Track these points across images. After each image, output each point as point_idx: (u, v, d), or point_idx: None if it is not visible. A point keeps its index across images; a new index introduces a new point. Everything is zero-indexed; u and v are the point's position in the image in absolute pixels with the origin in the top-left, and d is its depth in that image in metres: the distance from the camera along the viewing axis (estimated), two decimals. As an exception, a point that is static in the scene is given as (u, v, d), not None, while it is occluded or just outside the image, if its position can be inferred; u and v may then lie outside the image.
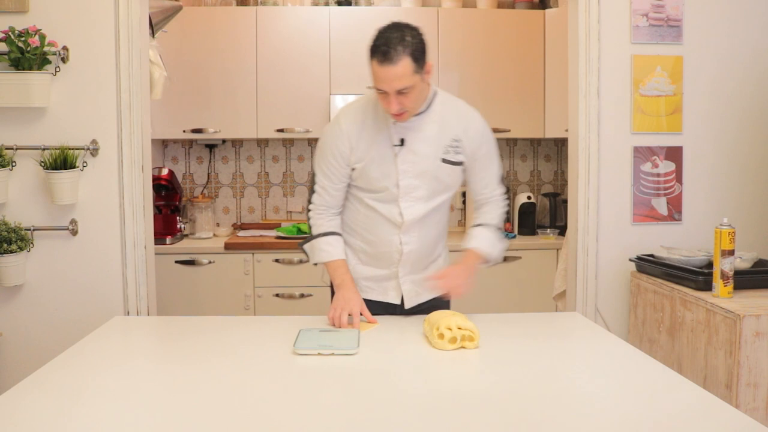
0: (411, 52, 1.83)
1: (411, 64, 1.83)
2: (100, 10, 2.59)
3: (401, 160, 2.01)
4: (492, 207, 2.14)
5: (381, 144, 2.01)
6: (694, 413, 1.38)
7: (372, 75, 1.87)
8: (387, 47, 1.81)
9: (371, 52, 1.85)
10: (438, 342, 1.75)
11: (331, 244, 2.09)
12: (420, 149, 2.01)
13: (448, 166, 2.04)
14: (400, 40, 1.82)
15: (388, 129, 2.01)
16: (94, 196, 2.64)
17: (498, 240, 2.10)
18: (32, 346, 2.62)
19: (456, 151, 2.04)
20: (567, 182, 3.53)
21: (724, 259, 2.30)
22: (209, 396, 1.45)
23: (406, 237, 2.08)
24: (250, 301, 3.61)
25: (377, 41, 1.85)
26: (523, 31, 3.88)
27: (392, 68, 1.81)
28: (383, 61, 1.82)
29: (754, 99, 2.85)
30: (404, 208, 2.04)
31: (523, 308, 3.64)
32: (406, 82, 1.83)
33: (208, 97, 3.78)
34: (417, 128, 2.01)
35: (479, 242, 2.08)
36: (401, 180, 2.01)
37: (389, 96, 1.86)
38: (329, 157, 2.05)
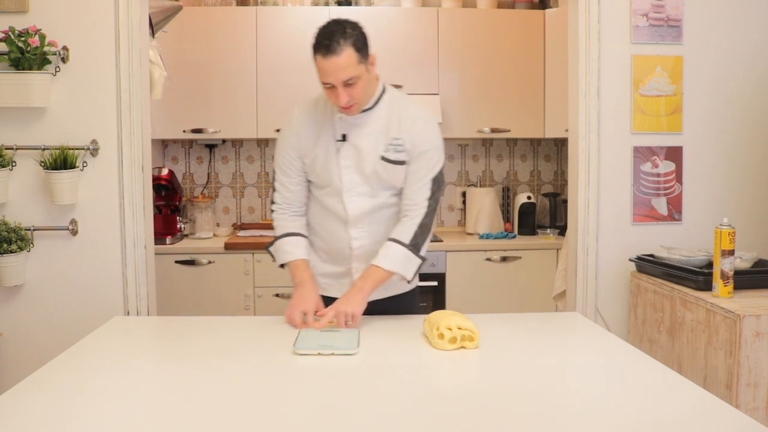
0: (353, 42, 1.87)
1: (354, 54, 1.87)
2: (100, 10, 2.59)
3: (342, 156, 2.03)
4: (407, 220, 2.03)
5: (325, 139, 2.04)
6: (694, 413, 1.38)
7: (318, 70, 1.90)
8: (329, 40, 1.85)
9: (314, 48, 1.89)
10: (438, 342, 1.75)
11: (292, 244, 2.10)
12: (361, 145, 2.02)
13: (388, 165, 2.02)
14: (341, 33, 1.87)
15: (333, 124, 2.04)
16: (94, 196, 2.64)
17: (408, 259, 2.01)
18: (32, 346, 2.62)
19: (396, 150, 2.02)
20: (567, 182, 3.53)
21: (724, 259, 2.30)
22: (209, 396, 1.45)
23: (355, 232, 2.08)
24: (250, 301, 3.60)
25: (318, 37, 1.89)
26: (523, 31, 3.88)
27: (336, 59, 1.85)
28: (327, 53, 1.85)
29: (754, 99, 2.85)
30: (347, 202, 2.05)
31: (523, 308, 3.64)
32: (351, 72, 1.87)
33: (208, 97, 3.78)
34: (360, 124, 2.02)
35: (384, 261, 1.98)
36: (343, 175, 2.03)
37: (337, 89, 1.89)
38: (283, 152, 2.11)
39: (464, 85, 3.87)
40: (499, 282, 3.70)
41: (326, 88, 1.92)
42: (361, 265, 2.10)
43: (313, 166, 2.07)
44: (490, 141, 4.25)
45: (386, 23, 3.81)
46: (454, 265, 3.67)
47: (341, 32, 1.87)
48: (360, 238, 2.09)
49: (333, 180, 2.05)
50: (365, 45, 1.92)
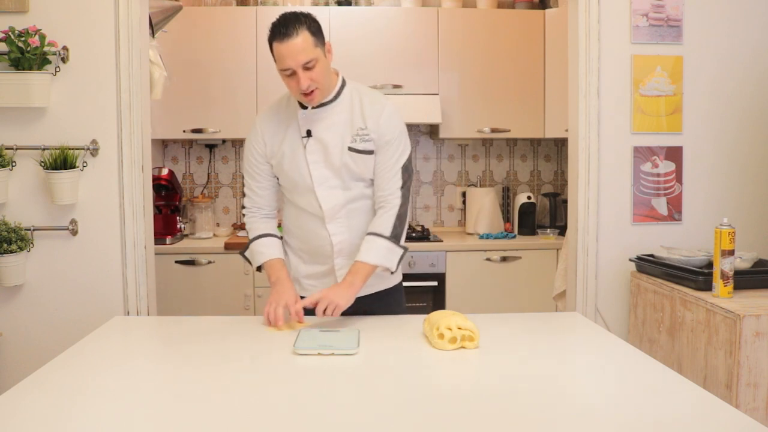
0: (308, 26, 1.91)
1: (310, 37, 1.90)
2: (100, 10, 2.59)
3: (309, 151, 2.04)
4: (383, 212, 2.05)
5: (291, 137, 2.06)
6: (694, 413, 1.38)
7: (276, 59, 1.93)
8: (285, 27, 1.89)
9: (270, 37, 1.93)
10: (438, 342, 1.75)
11: (266, 245, 2.11)
12: (327, 139, 2.03)
13: (356, 155, 2.03)
14: (295, 19, 1.91)
15: (297, 122, 2.05)
16: (94, 196, 2.64)
17: (390, 251, 2.03)
18: (32, 346, 2.62)
19: (363, 139, 2.03)
20: (567, 182, 3.53)
21: (724, 259, 2.30)
22: (209, 396, 1.45)
23: (333, 227, 2.08)
24: (250, 301, 3.60)
25: (274, 27, 1.93)
26: (523, 31, 3.88)
27: (292, 42, 1.88)
28: (283, 38, 1.88)
29: (754, 99, 2.85)
30: (321, 197, 2.05)
31: (523, 308, 3.64)
32: (309, 54, 1.90)
33: (208, 97, 3.78)
34: (323, 118, 2.04)
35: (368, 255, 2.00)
36: (312, 171, 2.04)
37: (297, 74, 1.91)
38: (249, 157, 2.13)
39: (464, 85, 3.87)
40: (499, 282, 3.70)
41: (286, 76, 1.94)
42: (344, 260, 2.10)
43: (281, 166, 2.08)
44: (490, 141, 4.25)
45: (386, 23, 3.81)
46: (454, 265, 3.67)
47: (295, 19, 1.92)
48: (339, 233, 2.08)
49: (303, 177, 2.05)
50: (320, 31, 1.96)
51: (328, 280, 2.13)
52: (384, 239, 2.02)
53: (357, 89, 2.10)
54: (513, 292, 3.70)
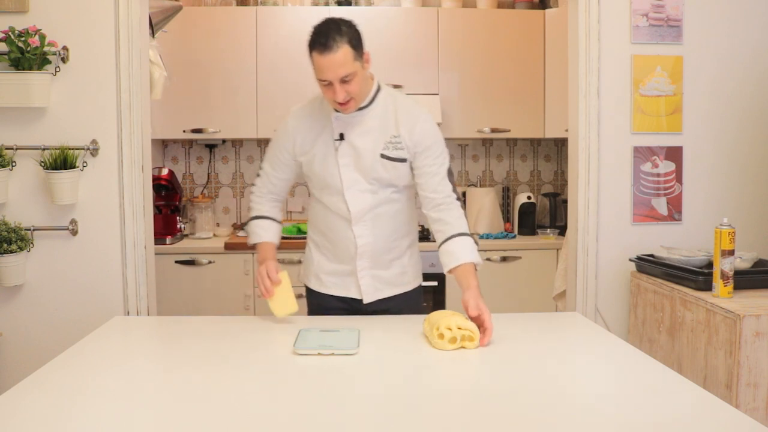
0: (348, 39, 1.90)
1: (350, 50, 1.89)
2: (100, 10, 2.59)
3: (341, 154, 2.05)
4: (453, 213, 2.05)
5: (323, 139, 2.07)
6: (694, 413, 1.38)
7: (315, 68, 1.93)
8: (326, 37, 1.87)
9: (310, 45, 1.91)
10: (438, 342, 1.75)
11: (262, 227, 2.17)
12: (359, 144, 2.04)
13: (387, 162, 2.05)
14: (337, 30, 1.89)
15: (330, 124, 2.06)
16: (94, 196, 2.64)
17: (473, 245, 2.05)
18: (32, 346, 2.61)
19: (395, 147, 2.04)
20: (567, 182, 3.53)
21: (724, 259, 2.30)
22: (209, 396, 1.45)
23: (359, 230, 2.09)
24: (250, 301, 3.60)
25: (314, 35, 1.91)
26: (523, 31, 3.88)
27: (333, 56, 1.87)
28: (324, 50, 1.87)
29: (754, 99, 2.85)
30: (349, 200, 2.06)
31: (523, 308, 3.64)
32: (348, 68, 1.89)
33: (208, 97, 3.78)
34: (357, 123, 2.04)
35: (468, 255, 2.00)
36: (343, 174, 2.05)
37: (334, 86, 1.91)
38: (276, 148, 2.16)
39: (464, 85, 3.87)
40: (499, 282, 3.70)
41: (323, 85, 1.94)
42: (366, 262, 2.11)
43: (312, 166, 2.09)
44: (490, 141, 4.25)
45: (386, 23, 3.81)
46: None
47: (337, 30, 1.89)
48: (364, 236, 2.10)
49: (333, 179, 2.07)
50: (360, 43, 1.94)
51: (350, 280, 2.15)
52: (470, 237, 2.05)
53: (392, 95, 2.11)
54: (513, 292, 3.70)
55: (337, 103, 1.95)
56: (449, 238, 2.02)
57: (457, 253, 1.99)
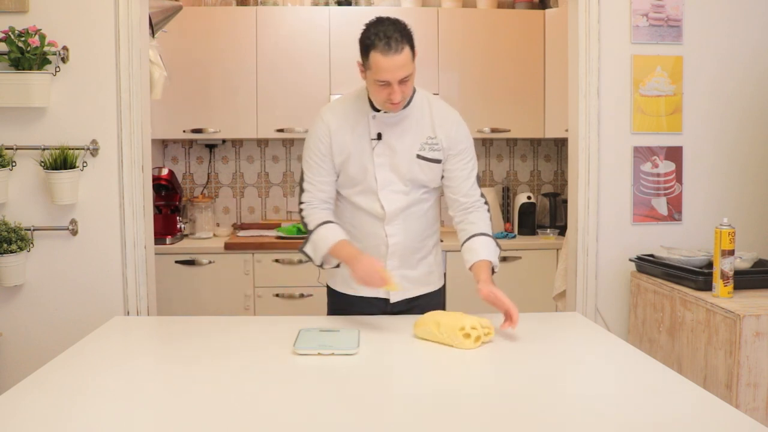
0: (408, 41, 1.91)
1: (410, 52, 1.92)
2: (100, 10, 2.59)
3: (377, 154, 2.05)
4: (480, 215, 2.12)
5: (359, 138, 2.05)
6: (694, 413, 1.38)
7: (374, 68, 1.90)
8: (389, 39, 1.87)
9: (371, 45, 1.89)
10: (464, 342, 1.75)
11: (330, 230, 2.03)
12: (396, 144, 2.05)
13: (423, 163, 2.07)
14: (399, 31, 1.89)
15: (368, 123, 2.05)
16: (94, 196, 2.64)
17: (496, 248, 2.11)
18: (32, 346, 2.61)
19: (432, 148, 2.07)
20: (567, 182, 3.53)
21: (724, 259, 2.30)
22: (209, 396, 1.45)
23: (391, 229, 2.09)
24: (250, 301, 3.60)
25: (376, 35, 1.88)
26: (523, 31, 3.88)
27: (398, 57, 1.88)
28: (388, 51, 1.87)
29: (754, 99, 2.85)
30: (383, 199, 2.07)
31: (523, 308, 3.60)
32: (408, 69, 1.91)
33: (208, 97, 3.78)
34: (395, 123, 2.05)
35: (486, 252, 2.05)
36: (378, 173, 2.05)
37: (392, 86, 1.91)
38: (314, 150, 2.09)
39: (464, 85, 3.87)
40: (499, 282, 3.64)
41: (378, 85, 1.92)
42: (395, 262, 2.11)
43: (347, 165, 2.07)
44: (490, 141, 4.25)
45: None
46: (455, 265, 3.67)
47: (399, 30, 1.90)
48: (395, 235, 2.10)
49: (368, 178, 2.06)
50: (413, 41, 1.96)
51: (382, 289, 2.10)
52: (492, 239, 2.09)
53: (426, 97, 2.12)
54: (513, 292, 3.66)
55: (389, 103, 1.95)
56: (472, 236, 2.07)
57: (478, 250, 2.04)
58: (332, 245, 2.00)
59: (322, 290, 3.61)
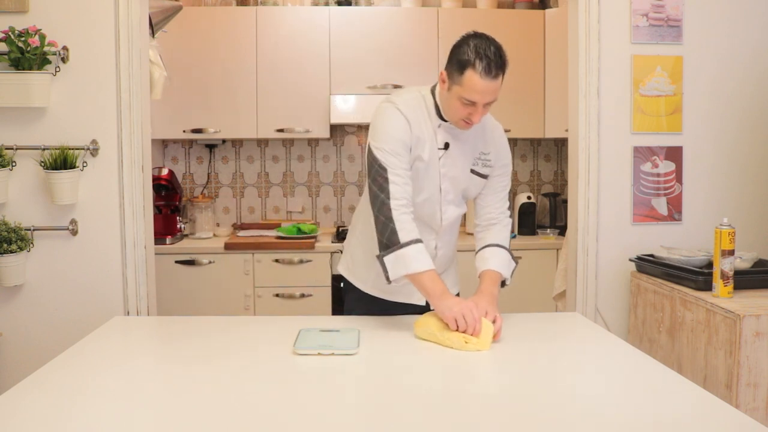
0: (505, 67, 1.86)
1: (503, 78, 1.86)
2: (100, 10, 2.59)
3: (443, 164, 2.01)
4: (502, 228, 2.10)
5: (429, 145, 1.98)
6: (694, 413, 1.38)
7: (467, 86, 1.82)
8: (492, 62, 1.81)
9: (469, 63, 1.81)
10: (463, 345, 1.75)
11: (423, 253, 1.86)
12: (458, 156, 2.02)
13: (475, 177, 2.06)
14: (502, 57, 1.84)
15: (434, 131, 1.99)
16: (94, 196, 2.64)
17: (510, 261, 2.07)
18: (32, 346, 2.62)
19: (484, 164, 2.06)
20: (567, 182, 3.53)
21: (724, 259, 2.30)
22: (209, 396, 1.45)
23: (440, 241, 2.09)
24: (250, 301, 3.60)
25: (479, 54, 1.81)
26: (523, 31, 3.88)
27: (494, 83, 1.83)
28: (488, 75, 1.81)
29: (754, 99, 2.85)
30: (444, 211, 2.05)
31: (523, 308, 3.64)
32: (497, 95, 1.87)
33: (208, 97, 3.79)
34: (458, 135, 2.01)
35: (498, 263, 2.02)
36: (443, 184, 2.02)
37: (476, 107, 1.86)
38: (399, 141, 1.90)
39: (464, 85, 3.87)
40: (499, 282, 3.69)
41: (463, 103, 1.86)
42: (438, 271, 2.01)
43: (416, 170, 1.96)
44: (490, 141, 4.25)
45: (386, 23, 3.81)
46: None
47: (502, 56, 1.84)
48: (443, 247, 2.11)
49: (431, 187, 2.01)
50: None
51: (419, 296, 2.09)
52: (506, 251, 2.06)
53: None
54: (513, 292, 3.68)
55: (465, 122, 1.90)
56: (487, 246, 2.06)
57: (489, 259, 2.03)
58: (423, 272, 1.85)
59: (322, 290, 3.64)
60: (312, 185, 4.19)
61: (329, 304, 3.63)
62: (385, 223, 1.86)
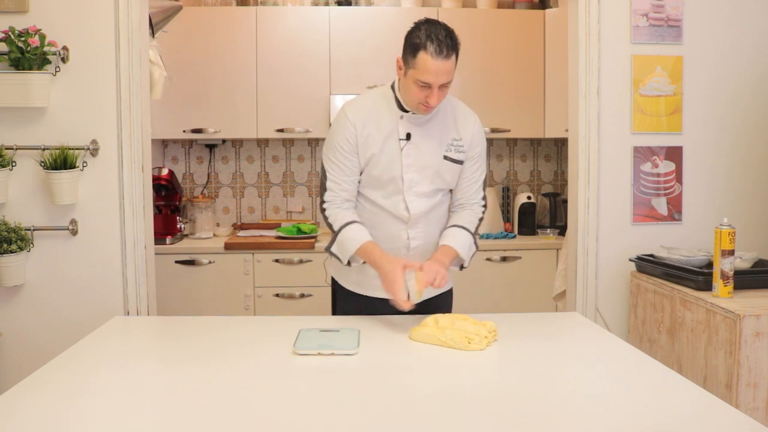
0: (457, 49, 1.92)
1: (455, 59, 1.92)
2: (100, 10, 2.59)
3: (405, 154, 2.03)
4: (469, 212, 2.14)
5: (387, 138, 2.03)
6: (694, 413, 1.38)
7: (419, 68, 1.89)
8: (441, 43, 1.88)
9: (421, 45, 1.89)
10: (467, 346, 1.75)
11: (356, 231, 2.00)
12: (423, 145, 2.04)
13: (449, 164, 2.08)
14: (452, 38, 1.91)
15: (396, 123, 2.03)
16: (94, 196, 2.64)
17: (471, 245, 2.09)
18: (32, 346, 2.62)
19: (457, 150, 2.08)
20: (567, 182, 3.53)
21: (724, 259, 2.30)
22: (209, 396, 1.45)
23: (413, 232, 2.09)
24: (250, 301, 3.60)
25: (429, 36, 1.89)
26: (523, 31, 3.88)
27: (447, 63, 1.88)
28: (439, 55, 1.87)
29: (754, 99, 2.85)
30: (410, 202, 2.06)
31: (523, 308, 3.64)
32: (451, 76, 1.92)
33: (208, 97, 3.78)
34: (422, 124, 2.04)
35: (455, 241, 2.06)
36: (405, 174, 2.04)
37: (432, 89, 1.91)
38: (339, 149, 2.03)
39: (464, 85, 3.87)
40: (499, 282, 3.70)
41: (419, 86, 1.92)
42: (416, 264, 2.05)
43: (371, 165, 2.04)
44: (490, 141, 4.24)
45: (386, 23, 3.81)
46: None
47: (452, 37, 1.91)
48: (417, 238, 2.10)
49: (394, 179, 2.04)
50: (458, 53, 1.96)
51: None
52: (469, 234, 2.08)
53: (448, 98, 2.11)
54: (513, 292, 3.70)
55: (424, 105, 1.95)
56: (451, 226, 2.09)
57: (448, 237, 2.06)
58: (358, 247, 1.98)
59: (322, 290, 3.63)
60: (312, 185, 4.19)
61: (329, 304, 3.62)
62: (326, 221, 2.06)
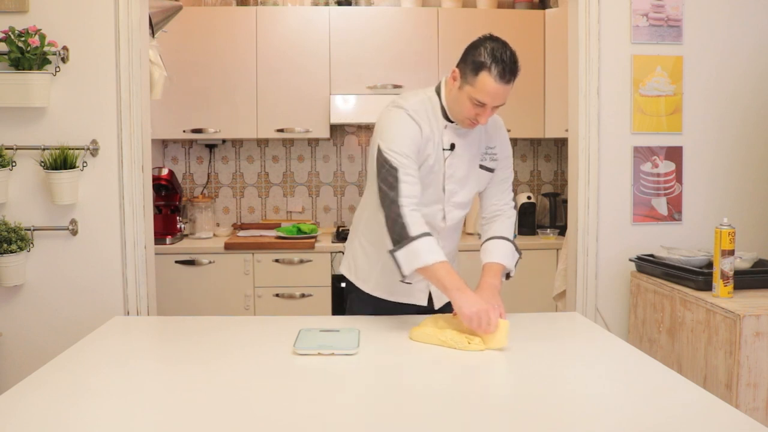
0: (518, 72, 1.88)
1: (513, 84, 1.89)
2: (100, 10, 2.59)
3: (448, 165, 2.02)
4: (504, 219, 2.11)
5: (435, 145, 1.99)
6: (694, 413, 1.38)
7: (477, 86, 1.86)
8: (507, 67, 1.84)
9: (488, 66, 1.84)
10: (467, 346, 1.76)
11: (433, 245, 1.85)
12: (464, 155, 2.03)
13: (483, 172, 2.08)
14: (516, 62, 1.87)
15: (440, 131, 2.00)
16: (94, 196, 2.64)
17: (514, 253, 2.07)
18: (32, 346, 2.62)
19: (492, 158, 2.08)
20: (567, 182, 3.53)
21: (724, 259, 2.30)
22: (209, 396, 1.45)
23: (443, 241, 2.07)
24: (250, 301, 3.60)
25: (495, 57, 1.84)
26: (523, 31, 3.88)
27: (507, 88, 1.87)
28: (502, 80, 1.84)
29: (754, 99, 2.85)
30: (448, 212, 2.05)
31: (523, 308, 3.63)
32: (506, 99, 1.90)
33: (208, 97, 3.79)
34: (464, 134, 2.03)
35: (499, 255, 2.02)
36: (447, 184, 2.03)
37: (485, 108, 1.89)
38: (408, 141, 1.91)
39: (464, 85, 3.87)
40: (499, 282, 3.69)
41: (473, 104, 1.89)
42: None
43: (422, 172, 1.97)
44: (490, 141, 4.25)
45: (386, 23, 3.81)
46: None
47: (516, 62, 1.87)
48: (445, 247, 2.06)
49: (436, 188, 2.02)
50: None
51: (417, 287, 2.09)
52: (510, 243, 2.06)
53: None
54: (513, 292, 3.69)
55: (472, 122, 1.93)
56: (492, 238, 2.07)
57: (492, 251, 2.04)
58: (434, 264, 1.83)
59: (322, 290, 3.64)
60: (312, 185, 4.19)
61: (329, 304, 3.63)
62: (395, 220, 1.85)
